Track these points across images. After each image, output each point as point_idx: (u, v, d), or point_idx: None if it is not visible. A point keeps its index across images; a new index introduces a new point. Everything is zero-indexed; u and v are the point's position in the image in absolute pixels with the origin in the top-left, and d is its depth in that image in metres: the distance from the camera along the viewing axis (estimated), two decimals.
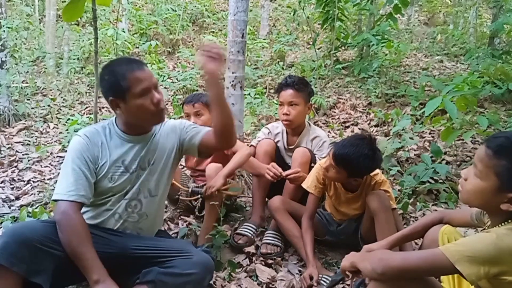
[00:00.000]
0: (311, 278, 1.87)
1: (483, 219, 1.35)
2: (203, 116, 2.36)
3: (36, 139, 4.25)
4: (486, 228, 1.25)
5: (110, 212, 1.64)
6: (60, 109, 5.21)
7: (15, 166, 3.47)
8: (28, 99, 5.35)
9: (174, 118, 4.59)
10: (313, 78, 5.60)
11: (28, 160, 3.54)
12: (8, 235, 1.36)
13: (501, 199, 1.12)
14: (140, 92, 1.51)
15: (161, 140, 1.71)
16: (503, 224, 1.15)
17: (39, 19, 8.95)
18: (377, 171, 2.07)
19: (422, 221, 1.61)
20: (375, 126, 4.25)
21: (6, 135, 4.35)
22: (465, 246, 1.11)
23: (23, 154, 3.77)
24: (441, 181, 2.91)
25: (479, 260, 1.07)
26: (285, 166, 2.35)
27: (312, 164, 2.27)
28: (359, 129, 4.21)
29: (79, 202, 1.50)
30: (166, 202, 2.29)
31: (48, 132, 4.54)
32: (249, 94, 4.77)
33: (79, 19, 7.97)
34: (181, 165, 2.54)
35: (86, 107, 5.27)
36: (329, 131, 4.16)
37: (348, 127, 4.34)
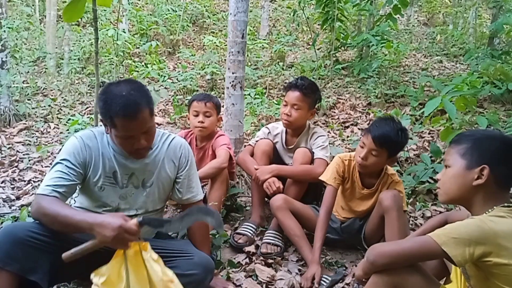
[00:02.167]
0: (314, 278, 1.86)
1: None
2: (212, 117, 2.41)
3: (36, 139, 4.25)
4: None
5: None
6: (61, 109, 5.21)
7: (16, 166, 3.48)
8: (28, 99, 5.35)
9: (175, 118, 4.61)
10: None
11: (29, 160, 3.55)
12: (0, 235, 1.37)
13: (472, 176, 1.25)
14: (122, 136, 1.50)
15: (162, 163, 1.68)
16: (485, 213, 1.24)
17: (40, 19, 8.95)
18: (393, 171, 2.10)
19: (430, 224, 1.65)
20: None
21: (6, 135, 4.35)
22: (451, 229, 1.21)
23: (23, 154, 3.77)
24: None
25: (464, 241, 1.15)
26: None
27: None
28: (359, 129, 4.22)
29: (53, 196, 1.46)
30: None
31: (49, 132, 4.55)
32: (249, 94, 4.78)
33: (79, 19, 7.96)
34: None
35: (87, 107, 5.27)
36: (328, 131, 4.16)
37: (347, 127, 4.34)
